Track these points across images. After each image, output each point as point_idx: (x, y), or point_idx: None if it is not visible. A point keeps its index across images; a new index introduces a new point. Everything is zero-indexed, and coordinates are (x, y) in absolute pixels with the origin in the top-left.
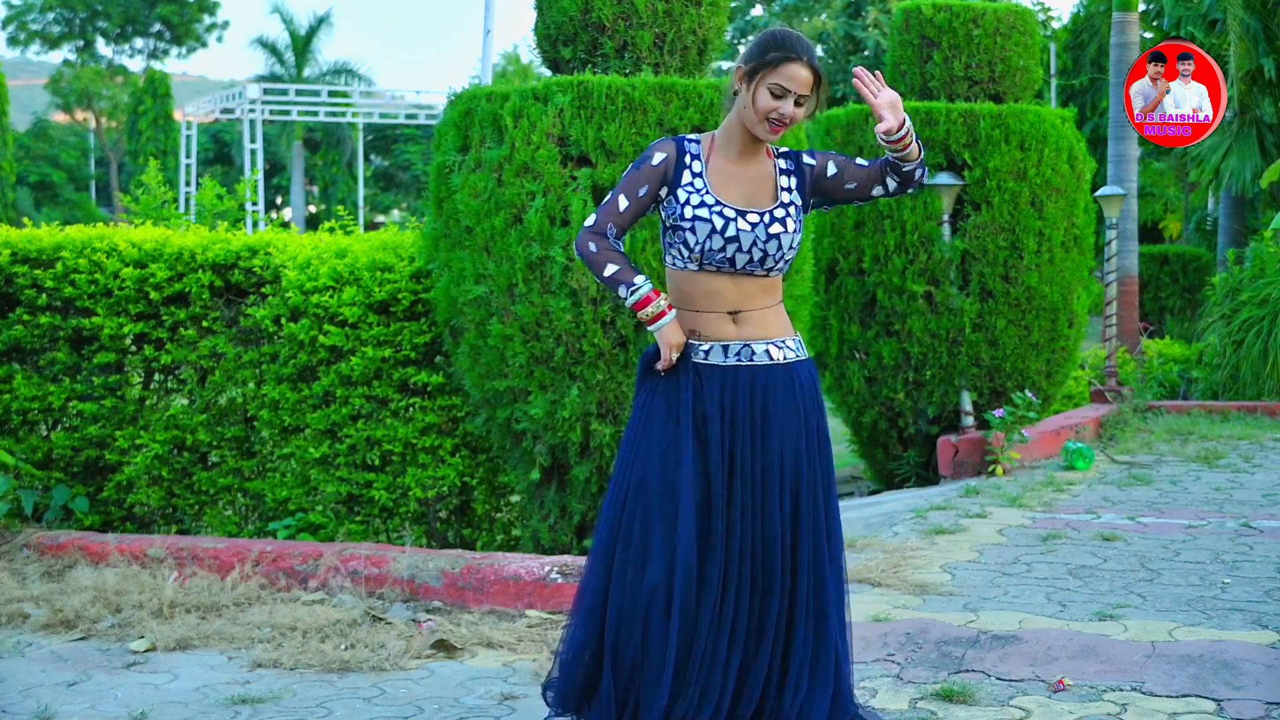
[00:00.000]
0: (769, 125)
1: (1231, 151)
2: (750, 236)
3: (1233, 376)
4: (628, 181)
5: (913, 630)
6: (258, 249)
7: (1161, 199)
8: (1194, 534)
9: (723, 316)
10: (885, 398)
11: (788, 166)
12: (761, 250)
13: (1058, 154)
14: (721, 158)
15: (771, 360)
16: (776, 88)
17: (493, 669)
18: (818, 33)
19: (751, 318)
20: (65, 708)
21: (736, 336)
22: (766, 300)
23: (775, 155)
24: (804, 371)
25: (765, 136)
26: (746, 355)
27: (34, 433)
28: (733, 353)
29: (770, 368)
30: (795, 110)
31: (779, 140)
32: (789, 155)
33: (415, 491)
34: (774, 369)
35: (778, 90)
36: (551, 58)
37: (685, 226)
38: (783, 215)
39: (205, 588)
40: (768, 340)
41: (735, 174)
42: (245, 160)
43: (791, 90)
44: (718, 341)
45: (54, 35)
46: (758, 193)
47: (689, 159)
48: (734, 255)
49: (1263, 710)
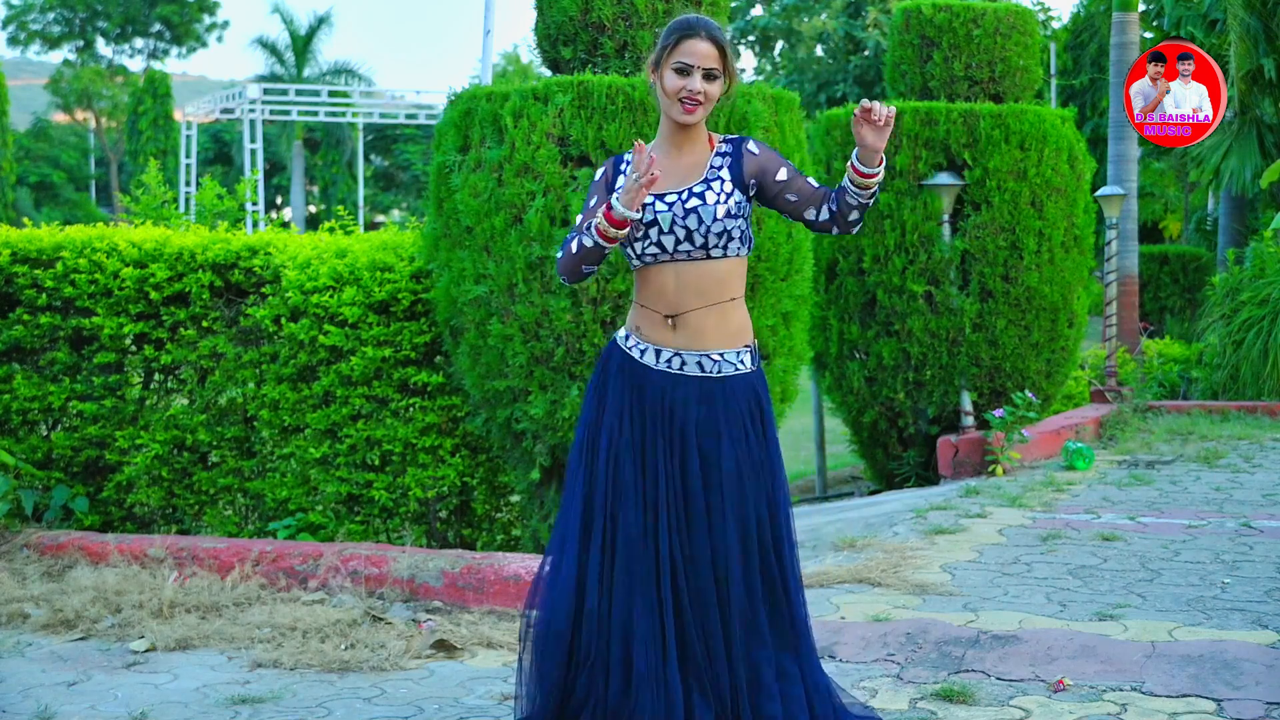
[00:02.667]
0: (682, 106)
1: (1231, 151)
2: (669, 215)
3: (1233, 376)
4: (585, 204)
5: (913, 630)
6: (258, 249)
7: (1161, 199)
8: (1194, 534)
9: (662, 321)
10: (885, 398)
11: (724, 150)
12: (684, 227)
13: (1058, 154)
14: (658, 154)
15: (703, 373)
16: (679, 64)
17: (493, 669)
18: (818, 33)
19: (689, 322)
20: (65, 708)
21: (670, 344)
22: (710, 298)
23: (720, 141)
24: (740, 386)
25: (681, 118)
26: (677, 364)
27: (34, 433)
28: (664, 359)
29: (701, 380)
30: (706, 85)
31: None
32: (730, 140)
33: (415, 491)
34: (705, 382)
35: (680, 67)
36: (551, 58)
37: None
38: (701, 190)
39: (205, 588)
40: (701, 352)
41: (669, 168)
42: (245, 160)
43: (693, 64)
44: (652, 344)
45: (54, 35)
46: (688, 177)
47: (624, 165)
48: (659, 239)
49: (1263, 710)
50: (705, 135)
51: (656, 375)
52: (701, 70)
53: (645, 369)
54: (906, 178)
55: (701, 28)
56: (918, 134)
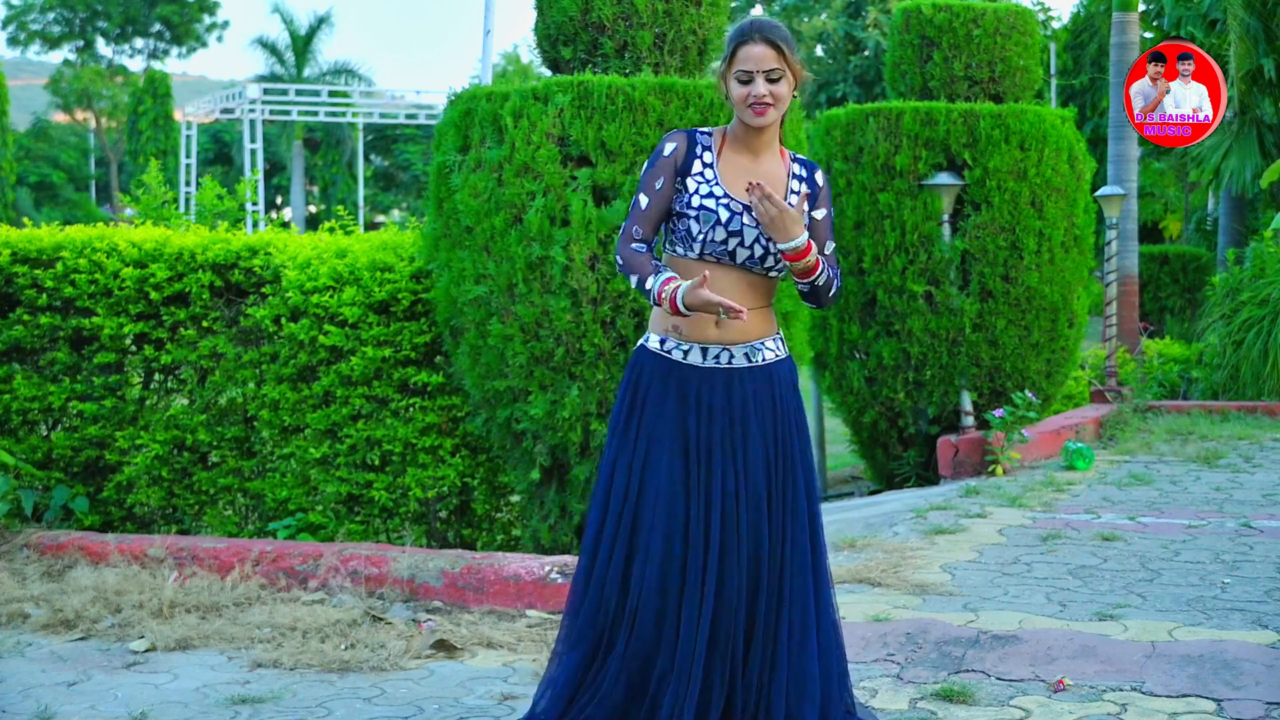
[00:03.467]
0: (752, 110)
1: (1231, 151)
2: (754, 232)
3: (1233, 376)
4: (645, 179)
5: (913, 630)
6: (258, 249)
7: (1161, 199)
8: (1194, 534)
9: (709, 319)
10: (885, 398)
11: (801, 173)
12: (763, 248)
13: (1058, 154)
14: (733, 152)
15: (750, 364)
16: (741, 74)
17: (493, 669)
18: (818, 33)
19: (734, 321)
20: (65, 708)
21: (717, 340)
22: (754, 302)
23: (791, 159)
24: (783, 370)
25: (753, 121)
26: (725, 359)
27: (34, 433)
28: (710, 356)
29: (748, 370)
30: (771, 87)
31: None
32: (805, 164)
33: (415, 491)
34: (752, 371)
35: (742, 76)
36: (551, 58)
37: (691, 215)
38: None
39: (205, 588)
40: (746, 344)
41: (747, 169)
42: (245, 160)
43: (754, 70)
44: (696, 343)
45: (54, 35)
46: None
47: (700, 149)
48: (735, 249)
49: (1263, 710)
50: (778, 141)
51: (705, 373)
52: (763, 74)
53: (690, 369)
54: (906, 178)
55: (756, 31)
56: (918, 134)
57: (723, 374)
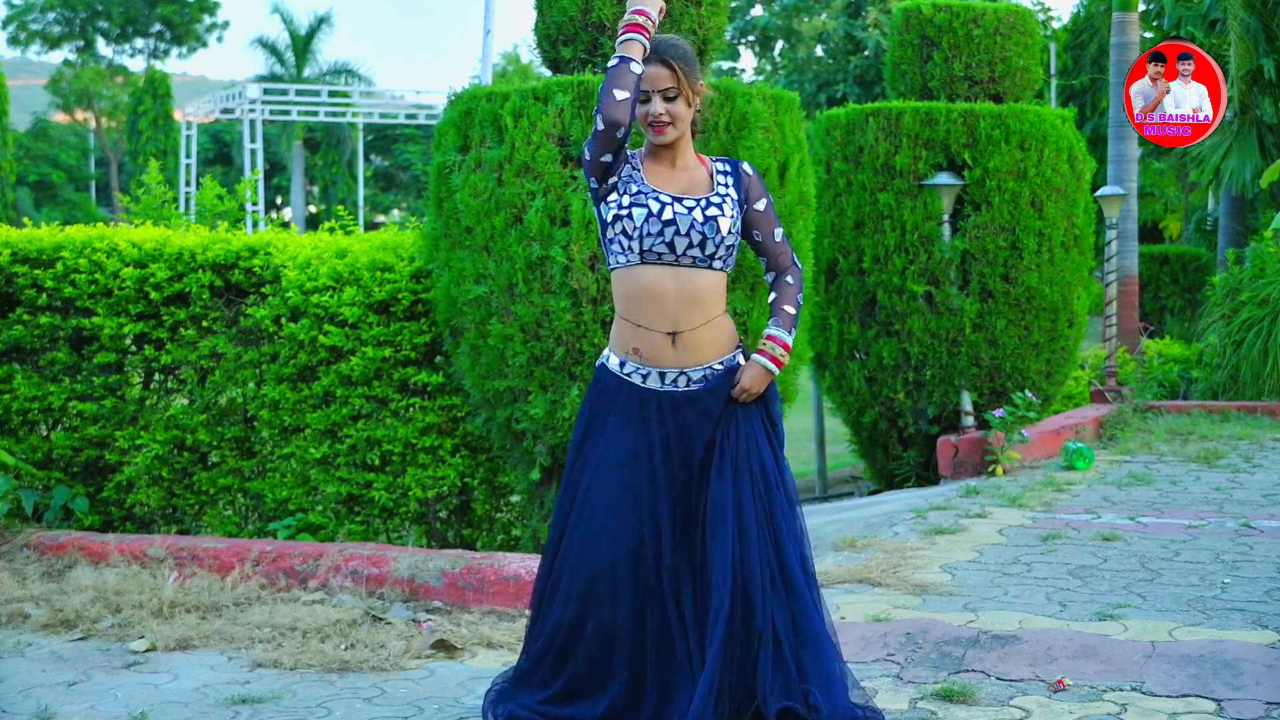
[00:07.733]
0: (652, 129)
1: (1231, 151)
2: (688, 219)
3: (1233, 376)
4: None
5: (913, 630)
6: (258, 249)
7: (1161, 199)
8: (1194, 534)
9: (663, 339)
10: (885, 398)
11: (725, 169)
12: (700, 233)
13: (1058, 154)
14: (653, 164)
15: (709, 386)
16: (641, 93)
17: (493, 669)
18: (818, 33)
19: (689, 341)
20: (65, 708)
21: (674, 363)
22: (708, 313)
23: (712, 162)
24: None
25: (653, 139)
26: (683, 383)
27: (34, 433)
28: (669, 380)
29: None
30: (668, 106)
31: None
32: (727, 162)
33: (415, 491)
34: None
35: (641, 96)
36: (551, 58)
37: (624, 214)
38: (719, 201)
39: (205, 588)
40: (703, 366)
41: (668, 175)
42: (245, 160)
43: (651, 90)
44: (655, 368)
45: (54, 35)
46: (693, 186)
47: (629, 155)
48: (673, 239)
49: (1263, 710)
50: (692, 154)
51: (664, 397)
52: (659, 93)
53: (649, 393)
54: (906, 178)
55: (654, 53)
56: (918, 134)
57: (679, 398)
